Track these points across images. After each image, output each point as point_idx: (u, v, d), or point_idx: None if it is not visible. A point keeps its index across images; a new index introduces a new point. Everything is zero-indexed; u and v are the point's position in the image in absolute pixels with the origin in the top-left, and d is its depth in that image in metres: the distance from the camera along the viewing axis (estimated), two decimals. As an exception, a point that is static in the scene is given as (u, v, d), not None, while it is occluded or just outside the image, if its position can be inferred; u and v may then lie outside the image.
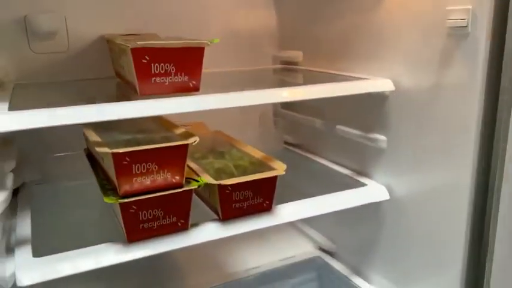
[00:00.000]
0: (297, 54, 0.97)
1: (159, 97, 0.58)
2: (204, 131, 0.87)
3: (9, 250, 0.59)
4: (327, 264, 0.93)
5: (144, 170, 0.56)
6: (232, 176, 0.68)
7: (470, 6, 0.58)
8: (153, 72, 0.59)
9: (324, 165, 0.90)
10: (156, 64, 0.58)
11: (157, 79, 0.59)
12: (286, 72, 0.97)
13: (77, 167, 0.77)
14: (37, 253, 0.57)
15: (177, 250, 0.60)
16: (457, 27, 0.60)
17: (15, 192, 0.78)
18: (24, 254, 0.56)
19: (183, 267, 0.91)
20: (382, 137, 0.76)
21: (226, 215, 0.63)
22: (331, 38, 0.87)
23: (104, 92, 0.77)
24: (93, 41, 0.85)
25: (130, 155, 0.55)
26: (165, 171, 0.58)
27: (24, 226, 0.64)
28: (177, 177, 0.59)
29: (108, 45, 0.79)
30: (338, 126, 0.86)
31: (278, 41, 1.03)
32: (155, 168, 0.57)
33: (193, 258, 0.93)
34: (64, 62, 0.83)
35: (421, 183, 0.70)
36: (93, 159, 0.71)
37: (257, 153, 0.73)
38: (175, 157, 0.58)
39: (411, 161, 0.72)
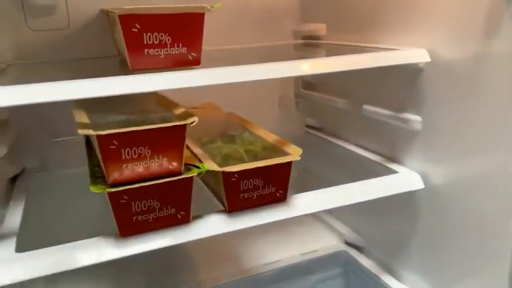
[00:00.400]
0: (319, 27, 0.87)
1: (152, 71, 0.50)
2: (216, 113, 0.79)
3: (-6, 245, 0.53)
4: (353, 260, 0.84)
5: (135, 155, 0.49)
6: (241, 162, 0.60)
7: (525, -46, 0.48)
8: (145, 42, 0.51)
9: (349, 150, 0.81)
10: (149, 33, 0.51)
11: (151, 51, 0.51)
12: (308, 48, 0.88)
13: (80, 153, 0.71)
14: (22, 248, 0.51)
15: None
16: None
17: (14, 180, 0.73)
18: (6, 249, 0.50)
19: (196, 259, 0.85)
20: (416, 117, 0.66)
21: (233, 207, 0.56)
22: (357, 7, 0.77)
23: (100, 70, 0.70)
24: (94, 16, 0.78)
25: (119, 137, 0.47)
26: (160, 156, 0.50)
27: (13, 218, 0.59)
28: (174, 164, 0.51)
29: (107, 19, 0.72)
30: (365, 106, 0.76)
31: (299, 14, 0.94)
32: (148, 152, 0.50)
33: (207, 249, 0.86)
34: (64, 39, 0.77)
35: (462, 169, 0.60)
36: (90, 145, 0.65)
37: (271, 137, 0.65)
38: (171, 140, 0.50)
39: (451, 144, 0.62)
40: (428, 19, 0.62)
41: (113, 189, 0.48)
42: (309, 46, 0.89)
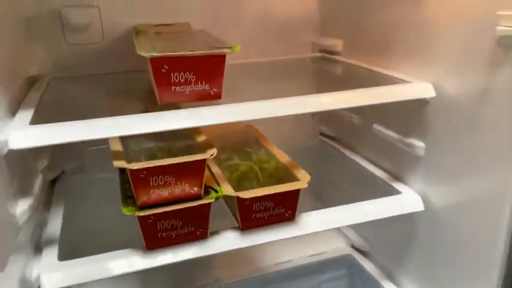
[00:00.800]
0: (337, 43, 0.91)
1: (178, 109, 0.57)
2: (236, 125, 0.85)
3: (38, 249, 0.62)
4: (358, 263, 0.91)
5: (161, 182, 0.56)
6: (256, 180, 0.67)
7: (524, 13, 0.51)
8: (172, 81, 0.57)
9: (359, 164, 0.86)
10: (176, 73, 0.57)
11: (178, 88, 0.57)
12: (324, 64, 0.92)
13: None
14: (64, 253, 0.60)
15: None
16: (507, 35, 0.53)
17: (54, 181, 0.81)
18: (50, 256, 0.59)
19: (212, 258, 0.92)
20: (420, 144, 0.71)
21: (246, 225, 0.63)
22: (373, 30, 0.81)
23: (134, 93, 0.76)
24: (126, 32, 0.84)
25: (148, 169, 0.54)
26: (183, 183, 0.57)
27: (54, 224, 0.67)
28: (195, 189, 0.58)
29: (133, 37, 0.78)
30: (375, 126, 0.81)
31: (318, 27, 0.98)
32: (173, 180, 0.57)
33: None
34: (98, 53, 0.84)
35: (459, 194, 0.66)
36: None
37: (283, 157, 0.71)
38: (193, 170, 0.57)
39: (449, 171, 0.67)
40: (437, 53, 0.66)
41: (142, 213, 0.55)
42: (325, 61, 0.93)
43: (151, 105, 0.61)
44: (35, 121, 0.54)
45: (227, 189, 0.60)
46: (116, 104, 0.71)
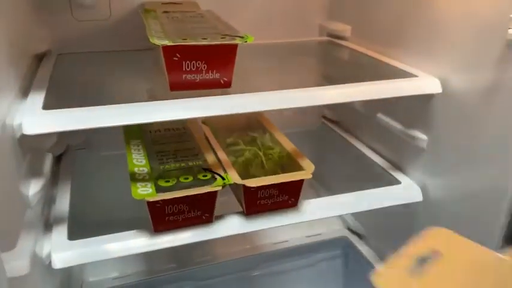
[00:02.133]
0: (345, 29, 0.91)
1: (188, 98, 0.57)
2: None
3: (48, 225, 0.63)
4: (353, 245, 0.94)
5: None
6: (261, 167, 0.68)
7: (537, 19, 0.51)
8: (184, 69, 0.57)
9: (360, 150, 0.87)
10: (188, 61, 0.57)
11: (188, 76, 0.58)
12: (332, 49, 0.92)
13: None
14: (72, 230, 0.62)
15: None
16: (519, 40, 0.53)
17: (59, 157, 0.82)
18: (60, 235, 0.61)
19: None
20: (423, 136, 0.72)
21: (250, 211, 0.65)
22: (383, 19, 0.81)
23: (141, 73, 0.76)
24: (133, 9, 0.83)
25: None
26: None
27: (63, 200, 0.68)
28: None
29: (143, 20, 0.78)
30: (379, 115, 0.82)
31: (327, 10, 0.97)
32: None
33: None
34: (105, 30, 0.83)
35: (458, 187, 0.68)
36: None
37: (288, 145, 0.72)
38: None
39: (450, 164, 0.68)
40: (446, 49, 0.67)
41: (151, 199, 0.56)
42: (332, 46, 0.93)
43: (158, 86, 0.62)
44: (48, 105, 0.54)
45: (233, 177, 0.62)
46: (124, 84, 0.71)
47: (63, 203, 0.68)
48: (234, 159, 0.70)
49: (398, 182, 0.75)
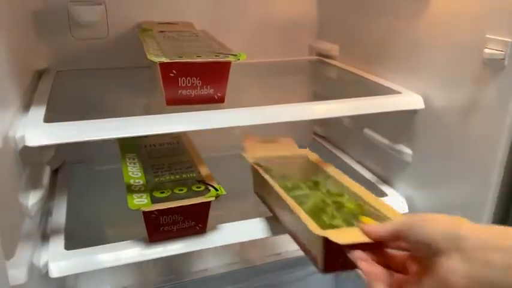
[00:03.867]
0: (333, 48, 0.95)
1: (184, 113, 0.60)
2: (292, 149, 0.79)
3: (45, 236, 0.65)
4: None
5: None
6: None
7: (510, 40, 0.55)
8: (180, 85, 0.60)
9: (348, 165, 0.90)
10: (183, 78, 0.60)
11: (184, 92, 0.61)
12: (321, 68, 0.95)
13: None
14: (69, 241, 0.63)
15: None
16: (494, 59, 0.57)
17: (55, 171, 0.84)
18: (57, 245, 0.62)
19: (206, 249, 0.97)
20: (407, 150, 0.75)
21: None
22: (369, 39, 0.85)
23: (137, 89, 0.79)
24: (130, 28, 0.87)
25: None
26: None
27: (59, 212, 0.70)
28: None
29: (140, 39, 0.81)
30: (366, 130, 0.85)
31: (316, 31, 1.01)
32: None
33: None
34: (103, 48, 0.86)
35: (442, 199, 0.71)
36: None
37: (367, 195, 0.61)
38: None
39: (434, 177, 0.71)
40: (427, 67, 0.70)
41: (147, 209, 0.58)
42: (321, 65, 0.96)
43: (154, 102, 0.64)
44: (48, 118, 0.57)
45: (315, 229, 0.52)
46: (121, 99, 0.74)
47: (59, 215, 0.70)
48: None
49: (385, 195, 0.78)
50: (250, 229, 0.67)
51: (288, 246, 0.97)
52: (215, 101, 0.63)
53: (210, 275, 0.92)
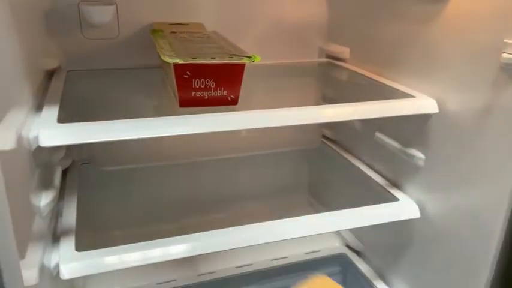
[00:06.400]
0: (343, 51, 0.95)
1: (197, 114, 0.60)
2: None
3: (55, 237, 0.65)
4: (351, 262, 0.95)
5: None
6: None
7: (529, 44, 0.55)
8: (193, 86, 0.60)
9: (358, 168, 0.90)
10: (197, 79, 0.60)
11: (198, 93, 0.61)
12: (331, 70, 0.95)
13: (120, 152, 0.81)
14: (80, 242, 0.63)
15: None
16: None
17: (64, 171, 0.84)
18: (67, 246, 0.62)
19: (212, 252, 0.97)
20: (420, 155, 0.75)
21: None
22: (381, 42, 0.84)
23: (148, 90, 0.79)
24: (141, 29, 0.86)
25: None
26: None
27: (69, 213, 0.70)
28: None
29: (153, 39, 0.81)
30: (377, 134, 0.85)
31: (326, 33, 1.01)
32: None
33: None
34: (114, 48, 0.86)
35: (455, 204, 0.70)
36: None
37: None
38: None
39: (447, 182, 0.71)
40: (442, 71, 0.70)
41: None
42: (331, 67, 0.96)
43: (166, 103, 0.63)
44: (62, 118, 0.56)
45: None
46: (132, 100, 0.73)
47: (70, 216, 0.69)
48: None
49: (396, 199, 0.78)
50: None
51: (294, 250, 0.96)
52: (228, 103, 0.63)
53: (216, 278, 0.91)
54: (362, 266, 0.93)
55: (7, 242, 0.42)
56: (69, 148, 0.79)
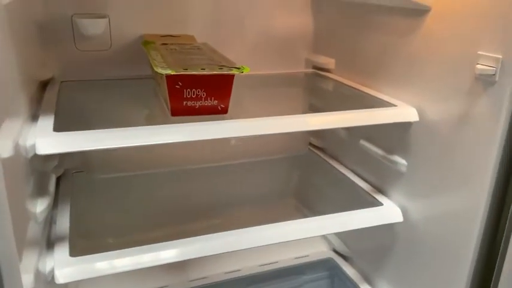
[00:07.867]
0: (329, 62, 0.98)
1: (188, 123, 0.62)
2: None
3: (50, 244, 0.66)
4: (339, 267, 0.98)
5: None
6: None
7: (500, 56, 0.58)
8: (185, 96, 0.63)
9: (344, 175, 0.93)
10: (188, 89, 0.62)
11: (189, 103, 0.63)
12: (317, 81, 0.98)
13: (114, 161, 0.83)
14: (73, 248, 0.64)
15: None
16: (485, 74, 0.60)
17: (58, 180, 0.85)
18: (62, 252, 0.63)
19: (202, 258, 0.98)
20: (402, 161, 0.78)
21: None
22: (364, 53, 0.88)
23: (140, 99, 0.81)
24: (133, 40, 0.89)
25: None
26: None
27: (63, 220, 0.71)
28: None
29: (145, 50, 0.83)
30: (362, 141, 0.88)
31: (312, 45, 1.04)
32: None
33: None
34: (106, 59, 0.88)
35: (435, 208, 0.73)
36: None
37: None
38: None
39: (428, 187, 0.74)
40: (421, 81, 0.73)
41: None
42: (317, 77, 0.99)
43: (157, 112, 0.65)
44: (57, 127, 0.58)
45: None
46: (124, 109, 0.76)
47: (63, 222, 0.71)
48: None
49: (380, 204, 0.81)
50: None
51: (283, 255, 0.99)
52: (219, 112, 0.65)
53: (207, 284, 0.93)
54: (349, 270, 0.96)
55: (8, 247, 0.44)
56: (62, 156, 0.80)
